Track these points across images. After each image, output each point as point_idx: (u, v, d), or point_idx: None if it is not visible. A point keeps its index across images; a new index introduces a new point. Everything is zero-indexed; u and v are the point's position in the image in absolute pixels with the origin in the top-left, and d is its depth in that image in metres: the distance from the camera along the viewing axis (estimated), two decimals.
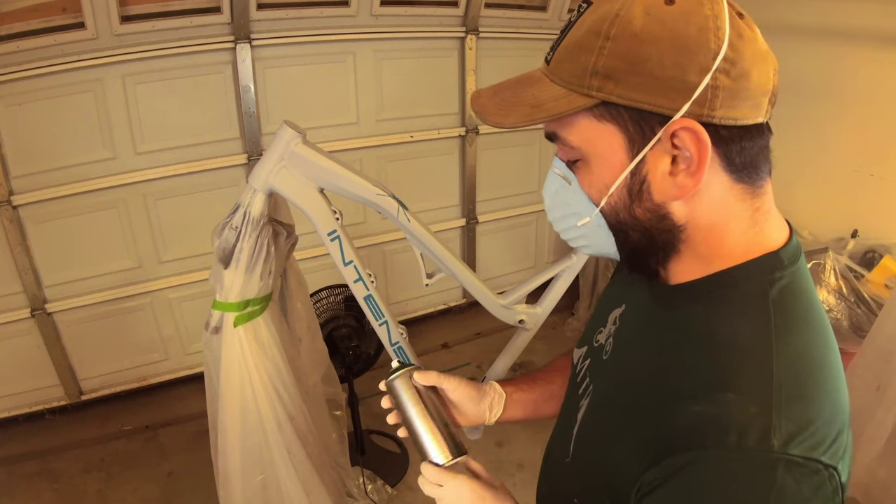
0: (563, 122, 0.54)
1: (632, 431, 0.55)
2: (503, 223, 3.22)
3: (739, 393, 0.48)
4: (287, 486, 1.46)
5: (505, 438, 2.37)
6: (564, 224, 0.61)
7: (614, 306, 0.71)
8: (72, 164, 2.19)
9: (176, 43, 2.17)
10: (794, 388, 0.48)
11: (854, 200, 2.34)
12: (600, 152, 0.53)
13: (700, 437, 0.47)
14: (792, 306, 0.52)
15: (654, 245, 0.56)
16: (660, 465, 0.49)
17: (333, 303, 2.04)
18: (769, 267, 0.54)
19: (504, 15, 2.74)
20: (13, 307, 2.28)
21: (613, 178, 0.54)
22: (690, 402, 0.49)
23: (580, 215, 0.58)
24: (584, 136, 0.54)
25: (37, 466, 2.26)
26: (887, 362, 1.75)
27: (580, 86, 0.51)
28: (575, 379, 0.74)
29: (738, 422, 0.46)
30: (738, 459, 0.45)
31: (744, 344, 0.51)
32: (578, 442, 0.65)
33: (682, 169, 0.51)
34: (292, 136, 1.23)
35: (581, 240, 0.61)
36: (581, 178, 0.56)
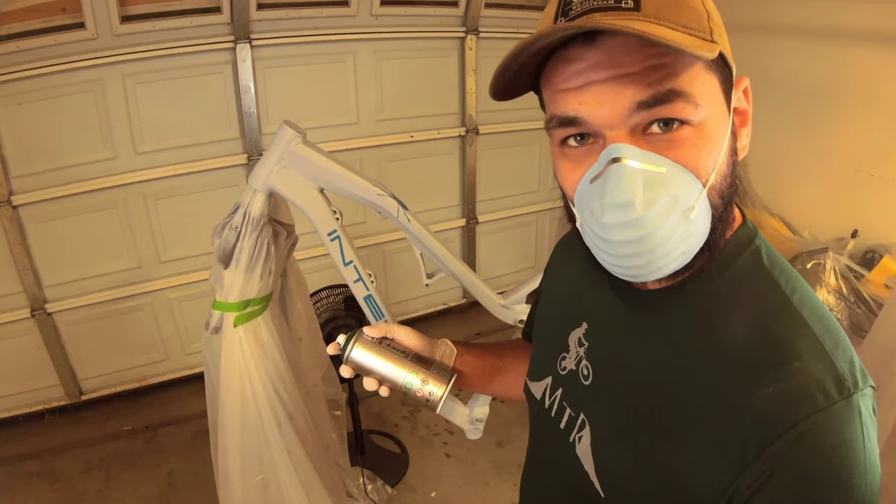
0: (690, 75, 0.46)
1: (694, 438, 0.51)
2: (503, 223, 3.22)
3: (801, 359, 0.48)
4: (287, 486, 1.46)
5: (505, 438, 2.37)
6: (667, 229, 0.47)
7: (571, 328, 0.66)
8: (72, 164, 2.19)
9: (176, 43, 2.17)
10: (829, 336, 0.49)
11: (854, 200, 2.34)
12: (714, 109, 0.48)
13: (793, 411, 0.46)
14: (781, 265, 0.54)
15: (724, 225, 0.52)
16: (760, 458, 0.46)
17: (333, 303, 2.04)
18: (748, 236, 0.55)
19: (504, 15, 2.74)
20: (13, 307, 2.28)
21: (723, 138, 0.49)
22: (759, 387, 0.48)
23: (687, 203, 0.47)
24: (704, 90, 0.47)
25: (37, 466, 2.26)
26: (887, 362, 1.75)
27: (703, 31, 0.45)
28: (547, 414, 0.68)
29: (817, 383, 0.47)
30: (835, 413, 0.46)
31: (774, 314, 0.51)
32: (610, 477, 0.58)
33: (745, 126, 0.51)
34: (292, 136, 1.23)
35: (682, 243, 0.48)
36: (686, 152, 0.47)
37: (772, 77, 2.35)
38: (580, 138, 0.50)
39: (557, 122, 0.50)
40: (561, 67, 0.48)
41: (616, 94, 0.46)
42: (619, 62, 0.45)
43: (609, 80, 0.46)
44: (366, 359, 0.73)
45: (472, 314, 3.22)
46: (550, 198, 3.30)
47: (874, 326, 1.83)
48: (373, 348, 0.73)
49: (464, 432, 1.49)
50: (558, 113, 0.50)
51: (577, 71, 0.47)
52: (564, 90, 0.48)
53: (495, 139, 2.98)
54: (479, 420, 1.47)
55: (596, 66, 0.46)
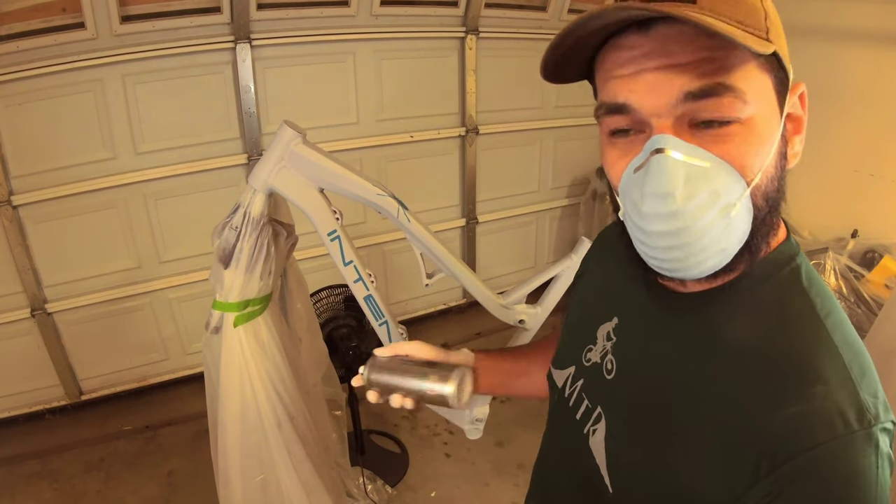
0: (742, 71, 0.45)
1: (706, 447, 0.51)
2: (503, 223, 3.22)
3: (826, 383, 0.47)
4: (287, 486, 1.46)
5: (505, 438, 2.37)
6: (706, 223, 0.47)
7: (601, 321, 0.66)
8: (72, 164, 2.19)
9: (176, 43, 2.17)
10: (857, 364, 0.49)
11: (854, 200, 2.34)
12: (763, 109, 0.47)
13: (810, 435, 0.46)
14: (819, 287, 0.52)
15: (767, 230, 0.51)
16: (771, 476, 0.46)
17: (333, 303, 2.03)
18: (789, 254, 0.53)
19: (504, 15, 2.74)
20: (13, 307, 2.28)
21: (772, 139, 0.48)
22: (781, 405, 0.47)
23: (730, 200, 0.47)
24: (755, 88, 0.46)
25: (37, 466, 2.26)
26: (887, 362, 1.74)
27: (758, 28, 0.45)
28: (565, 403, 0.68)
29: (838, 409, 0.46)
30: (852, 442, 0.45)
31: (805, 334, 0.50)
32: (620, 472, 0.59)
33: (798, 133, 0.50)
34: (292, 136, 1.23)
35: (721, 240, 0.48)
36: (731, 148, 0.46)
37: None
38: (628, 128, 0.50)
39: (606, 110, 0.50)
40: (614, 54, 0.49)
41: (666, 82, 0.46)
42: (672, 51, 0.45)
43: (660, 69, 0.46)
44: (384, 378, 0.76)
45: (472, 314, 3.22)
46: (550, 198, 3.30)
47: (874, 326, 1.83)
48: (387, 367, 0.77)
49: (464, 432, 1.49)
50: (608, 100, 0.50)
51: (629, 58, 0.47)
52: (616, 77, 0.49)
53: (495, 139, 2.98)
54: (479, 420, 1.47)
55: (649, 54, 0.46)
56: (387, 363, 0.77)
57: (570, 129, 3.07)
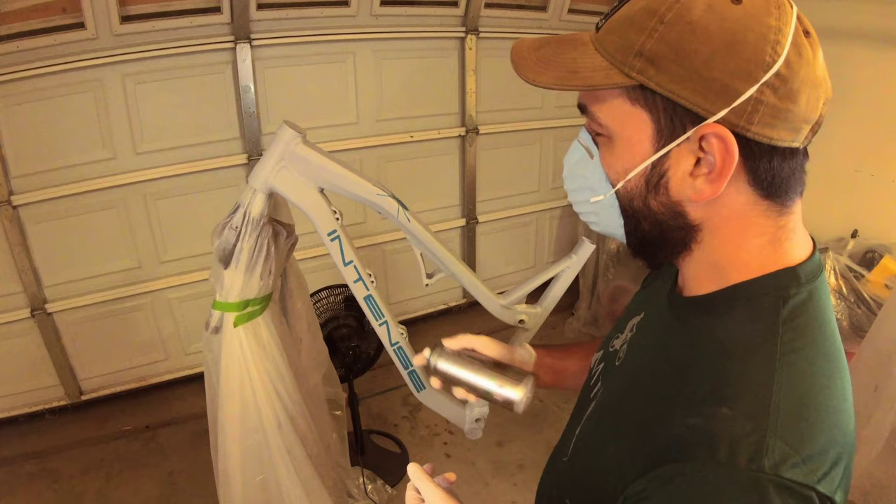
0: (596, 96, 0.53)
1: (627, 438, 0.54)
2: (503, 223, 3.22)
3: (735, 409, 0.46)
4: (287, 487, 1.46)
5: (505, 438, 2.37)
6: (578, 196, 0.61)
7: (635, 314, 0.70)
8: (72, 164, 2.19)
9: (176, 43, 2.17)
10: (793, 411, 0.46)
11: (854, 200, 2.34)
12: (626, 136, 0.52)
13: (690, 449, 0.46)
14: (803, 325, 0.50)
15: (664, 239, 0.55)
16: (646, 477, 0.48)
17: (333, 303, 2.04)
18: (784, 283, 0.52)
19: (504, 15, 2.74)
20: (13, 307, 2.28)
21: (634, 164, 0.52)
22: (685, 413, 0.48)
23: (595, 191, 0.57)
24: (614, 115, 0.52)
25: (37, 466, 2.26)
26: (886, 363, 1.75)
27: (622, 63, 0.49)
28: (589, 382, 0.74)
29: (731, 438, 0.45)
30: (727, 476, 0.44)
31: (747, 361, 0.49)
32: (578, 443, 0.65)
33: (704, 173, 0.49)
34: (292, 136, 1.23)
35: (591, 216, 0.61)
36: (602, 156, 0.56)
37: None
38: None
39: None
40: None
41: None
42: None
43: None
44: (449, 369, 0.80)
45: (472, 314, 3.22)
46: (550, 198, 3.30)
47: (874, 326, 1.84)
48: (455, 359, 0.80)
49: (464, 432, 1.49)
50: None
51: None
52: None
53: (495, 139, 2.98)
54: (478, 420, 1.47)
55: None
56: (455, 355, 0.80)
57: (570, 129, 3.08)
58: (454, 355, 0.80)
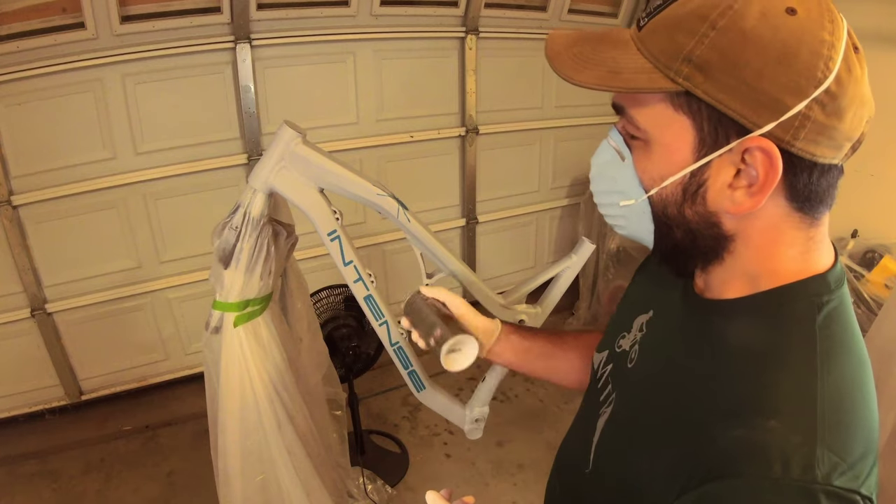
0: (636, 99, 0.51)
1: (663, 448, 0.52)
2: (503, 223, 3.22)
3: (783, 421, 0.46)
4: (287, 487, 1.46)
5: (505, 438, 2.37)
6: (605, 199, 0.58)
7: (640, 311, 0.68)
8: (72, 164, 2.19)
9: (176, 43, 2.17)
10: (836, 419, 0.46)
11: (854, 200, 2.33)
12: (666, 142, 0.50)
13: (743, 464, 0.45)
14: (836, 332, 0.51)
15: (696, 248, 0.54)
16: (697, 491, 0.46)
17: (333, 303, 2.04)
18: (816, 290, 0.52)
19: (504, 15, 2.73)
20: (13, 307, 2.28)
21: (672, 172, 0.51)
22: (731, 424, 0.47)
23: (625, 195, 0.55)
24: (655, 120, 0.50)
25: (37, 466, 2.26)
26: (886, 363, 1.74)
27: (667, 67, 0.47)
28: (596, 384, 0.72)
29: (783, 451, 0.44)
30: (782, 490, 0.44)
31: (789, 368, 0.49)
32: (600, 453, 0.63)
33: (743, 186, 0.48)
34: (292, 136, 1.23)
35: (619, 219, 0.58)
36: (637, 160, 0.53)
37: None
38: None
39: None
40: None
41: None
42: None
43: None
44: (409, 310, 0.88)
45: None
46: (550, 198, 3.30)
47: (874, 326, 1.83)
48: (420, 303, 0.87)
49: (464, 432, 1.49)
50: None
51: None
52: None
53: (495, 139, 2.98)
54: (478, 420, 1.47)
55: None
56: (422, 300, 0.88)
57: (570, 129, 3.07)
58: (421, 301, 0.87)
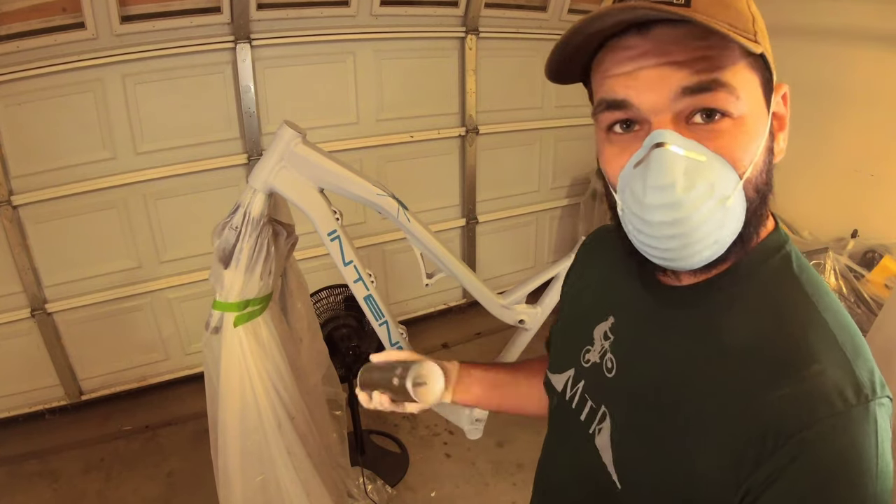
0: (733, 70, 0.48)
1: (706, 438, 0.51)
2: (503, 223, 3.22)
3: (820, 362, 0.48)
4: (287, 486, 1.46)
5: (505, 438, 2.37)
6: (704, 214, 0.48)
7: (597, 321, 0.66)
8: (72, 164, 2.19)
9: (176, 43, 2.17)
10: (851, 343, 0.50)
11: (854, 200, 2.34)
12: (753, 106, 0.50)
13: (808, 413, 0.47)
14: (809, 273, 0.55)
15: (758, 221, 0.53)
16: (775, 457, 0.47)
17: (333, 303, 2.03)
18: (779, 243, 0.56)
19: (504, 15, 2.74)
20: (13, 307, 2.28)
21: (760, 133, 0.51)
22: (778, 385, 0.49)
23: (725, 192, 0.48)
24: (745, 85, 0.49)
25: (37, 466, 2.26)
26: (887, 363, 1.74)
27: (746, 30, 0.48)
28: (567, 406, 0.69)
29: (835, 386, 0.47)
30: (852, 418, 0.47)
31: (797, 317, 0.52)
32: (627, 469, 0.59)
33: (782, 129, 0.53)
34: (292, 136, 1.23)
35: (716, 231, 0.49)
36: (725, 143, 0.48)
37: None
38: (626, 126, 0.52)
39: (606, 106, 0.52)
40: (613, 54, 0.51)
41: (663, 79, 0.48)
42: (669, 51, 0.48)
43: (658, 66, 0.48)
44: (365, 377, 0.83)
45: (472, 314, 3.22)
46: (550, 198, 3.30)
47: (874, 326, 1.83)
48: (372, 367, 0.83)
49: (464, 432, 1.50)
50: (607, 97, 0.52)
51: (628, 57, 0.50)
52: (615, 75, 0.51)
53: (495, 139, 2.98)
54: (479, 420, 1.47)
55: (646, 53, 0.49)
56: (374, 364, 0.83)
57: (570, 129, 3.07)
58: (372, 366, 0.84)
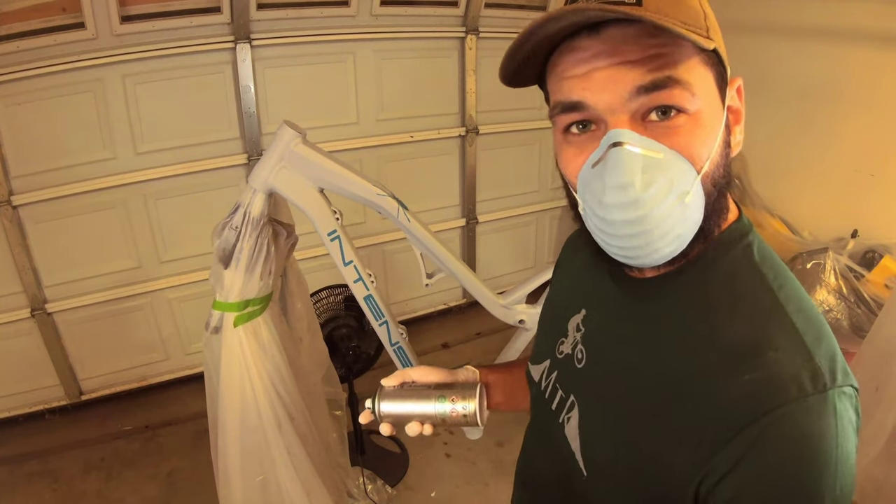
0: (687, 66, 0.48)
1: (668, 426, 0.52)
2: (503, 223, 3.23)
3: (777, 350, 0.49)
4: (287, 487, 1.46)
5: (505, 438, 2.37)
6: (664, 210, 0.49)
7: (571, 313, 0.68)
8: (72, 164, 2.19)
9: (176, 43, 2.17)
10: (812, 331, 0.50)
11: (854, 200, 2.34)
12: (709, 101, 0.50)
13: (765, 400, 0.47)
14: (772, 262, 0.55)
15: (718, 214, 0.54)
16: (731, 444, 0.47)
17: (333, 303, 2.03)
18: (741, 232, 0.56)
19: (504, 15, 2.74)
20: (13, 307, 2.28)
21: (716, 129, 0.51)
22: (736, 372, 0.49)
23: (684, 187, 0.49)
24: (701, 82, 0.49)
25: (37, 466, 2.26)
26: (886, 363, 1.74)
27: (698, 27, 0.48)
28: (541, 396, 0.70)
29: (792, 374, 0.47)
30: (807, 405, 0.47)
31: (756, 306, 0.52)
32: (593, 456, 0.60)
33: (738, 123, 0.53)
34: (292, 136, 1.23)
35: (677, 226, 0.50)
36: (682, 139, 0.49)
37: (772, 77, 2.35)
38: (582, 126, 0.52)
39: (561, 108, 0.52)
40: (566, 56, 0.51)
41: (618, 79, 0.48)
42: (622, 50, 0.48)
43: (612, 67, 0.48)
44: (395, 408, 0.74)
45: (472, 314, 3.22)
46: (550, 198, 3.30)
47: (874, 326, 1.83)
48: (397, 396, 0.74)
49: (463, 432, 1.50)
50: (563, 99, 0.52)
51: (581, 59, 0.50)
52: (569, 77, 0.51)
53: (495, 139, 2.98)
54: None
55: (599, 54, 0.49)
56: (397, 392, 0.74)
57: None
58: (396, 394, 0.74)
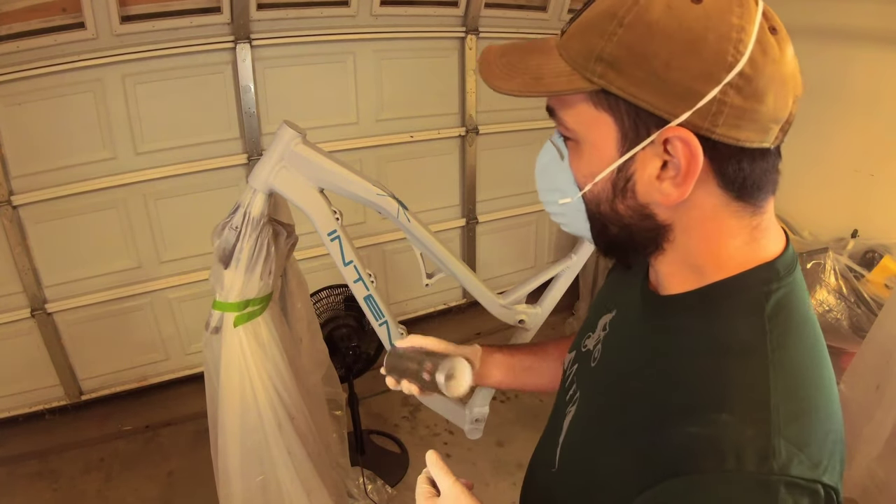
0: (563, 101, 0.53)
1: (622, 446, 0.52)
2: (503, 223, 3.22)
3: (735, 414, 0.45)
4: (287, 487, 1.46)
5: (505, 438, 2.37)
6: (547, 196, 0.62)
7: (605, 311, 0.69)
8: (72, 164, 2.19)
9: (176, 43, 2.17)
10: (791, 408, 0.46)
11: (854, 200, 2.34)
12: (592, 140, 0.52)
13: (698, 460, 0.45)
14: (787, 320, 0.50)
15: (633, 241, 0.55)
16: (654, 489, 0.46)
17: (333, 303, 2.04)
18: (765, 278, 0.52)
19: (504, 15, 2.74)
20: (13, 307, 2.28)
21: (600, 168, 0.52)
22: (685, 420, 0.47)
23: (563, 193, 0.58)
24: (579, 119, 0.52)
25: (37, 466, 2.26)
26: (887, 363, 1.75)
27: (584, 68, 0.49)
28: (564, 384, 0.73)
29: (736, 444, 0.44)
30: (738, 482, 0.43)
31: (739, 361, 0.48)
32: (564, 452, 0.63)
33: (670, 176, 0.48)
34: (292, 136, 1.23)
35: (560, 217, 0.61)
36: (571, 159, 0.55)
37: None
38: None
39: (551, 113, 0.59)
40: None
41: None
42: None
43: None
44: (393, 363, 0.86)
45: (472, 314, 3.22)
46: None
47: (874, 326, 1.84)
48: (401, 355, 0.86)
49: (464, 432, 1.49)
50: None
51: None
52: None
53: (495, 139, 2.98)
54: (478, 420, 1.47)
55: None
56: (402, 352, 0.86)
57: None
58: (400, 353, 0.86)
